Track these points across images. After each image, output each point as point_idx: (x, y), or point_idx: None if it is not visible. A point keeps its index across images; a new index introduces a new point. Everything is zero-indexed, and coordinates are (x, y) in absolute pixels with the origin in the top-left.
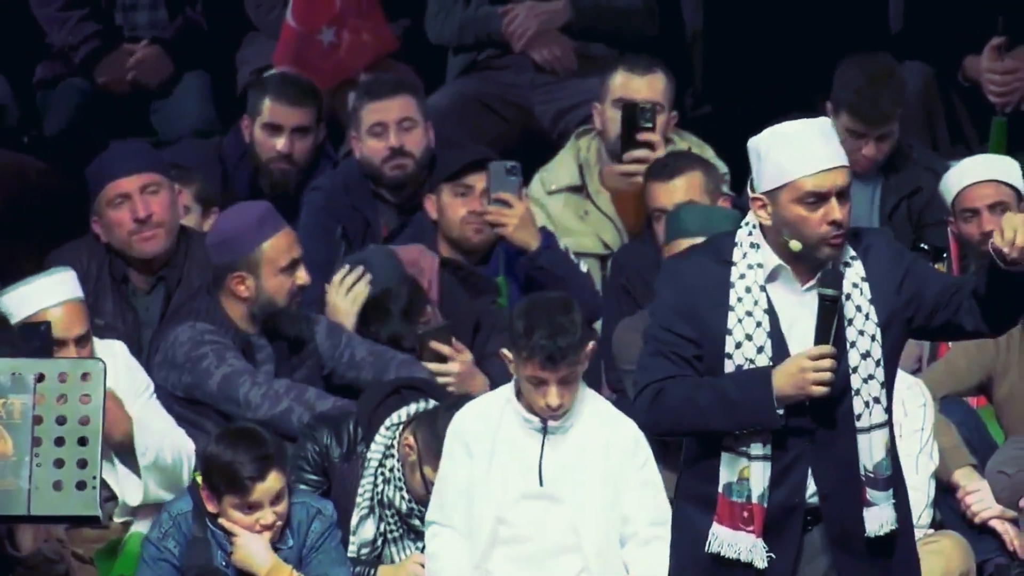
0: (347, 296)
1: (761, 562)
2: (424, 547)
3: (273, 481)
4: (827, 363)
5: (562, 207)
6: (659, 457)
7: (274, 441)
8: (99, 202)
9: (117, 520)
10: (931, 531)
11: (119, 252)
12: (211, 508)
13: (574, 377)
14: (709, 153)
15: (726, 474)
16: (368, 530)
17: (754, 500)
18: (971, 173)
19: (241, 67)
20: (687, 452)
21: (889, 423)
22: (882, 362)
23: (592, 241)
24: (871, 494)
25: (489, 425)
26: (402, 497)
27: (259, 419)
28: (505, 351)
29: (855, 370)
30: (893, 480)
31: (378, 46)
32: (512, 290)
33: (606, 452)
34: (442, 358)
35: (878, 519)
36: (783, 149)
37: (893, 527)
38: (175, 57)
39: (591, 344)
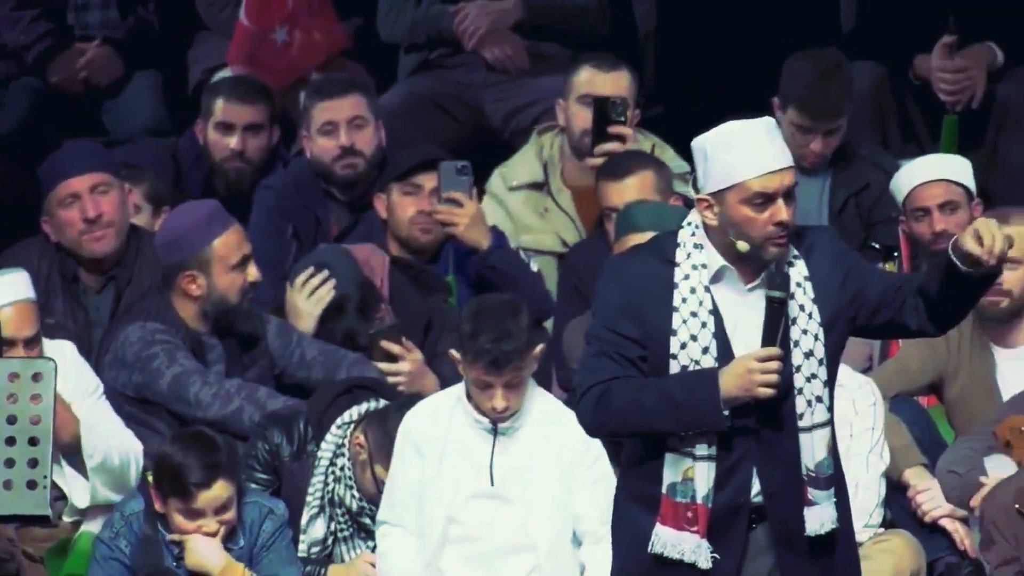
0: (309, 298)
1: (705, 563)
2: (375, 546)
3: (219, 490)
4: (774, 365)
5: (522, 204)
6: (612, 456)
7: (228, 450)
8: (50, 201)
9: (67, 519)
10: (881, 530)
11: (70, 251)
12: (158, 507)
13: (520, 381)
14: (669, 153)
15: (670, 474)
16: (318, 529)
17: (699, 500)
18: (922, 172)
19: (192, 66)
20: (629, 452)
21: (831, 422)
22: (824, 361)
23: (551, 239)
24: (813, 493)
25: (439, 425)
26: (353, 496)
27: (210, 418)
28: (453, 352)
29: (798, 369)
30: (834, 479)
31: (330, 45)
32: (461, 289)
33: (557, 451)
34: (392, 357)
35: (819, 518)
36: (730, 150)
37: (834, 526)
38: (126, 57)
39: (539, 347)
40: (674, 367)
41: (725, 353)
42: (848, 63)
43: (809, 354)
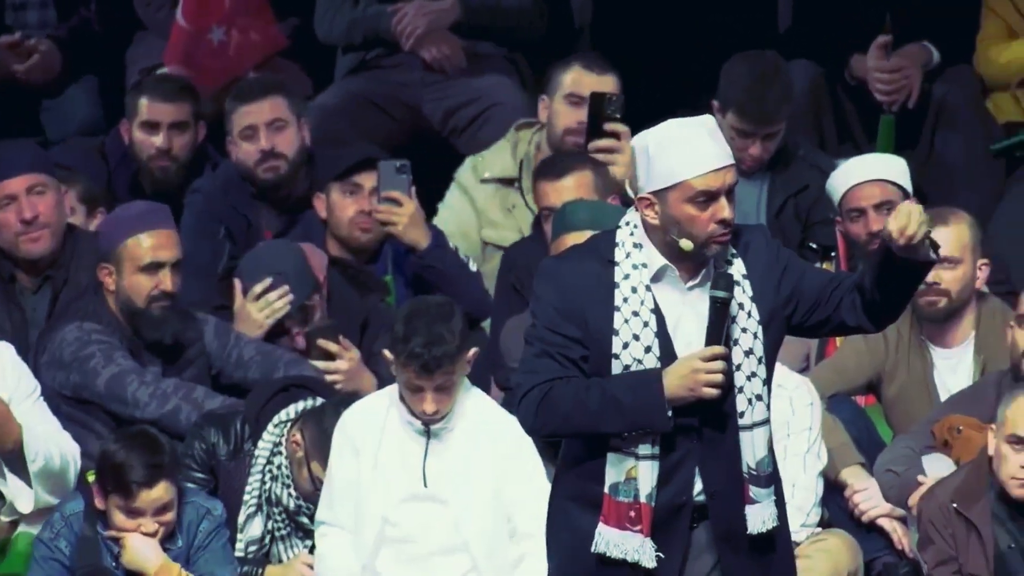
0: (263, 310)
1: (649, 562)
2: (312, 545)
3: (160, 491)
4: (719, 364)
5: (490, 197)
6: (548, 455)
7: (171, 452)
8: None
9: (4, 519)
10: (819, 530)
11: (6, 252)
12: (99, 504)
13: (450, 384)
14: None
15: (612, 474)
16: (256, 528)
17: (642, 499)
18: (857, 173)
19: (130, 66)
20: (567, 452)
21: (769, 420)
22: (763, 359)
23: (514, 236)
24: (754, 491)
25: (375, 425)
26: (289, 495)
27: (147, 418)
28: (387, 352)
29: (739, 367)
30: (774, 478)
31: (267, 45)
32: (399, 289)
33: (490, 451)
34: (330, 356)
35: (760, 516)
36: (672, 149)
37: (774, 524)
38: (67, 56)
39: (472, 351)
40: (616, 367)
41: (667, 352)
42: (786, 65)
43: (749, 352)
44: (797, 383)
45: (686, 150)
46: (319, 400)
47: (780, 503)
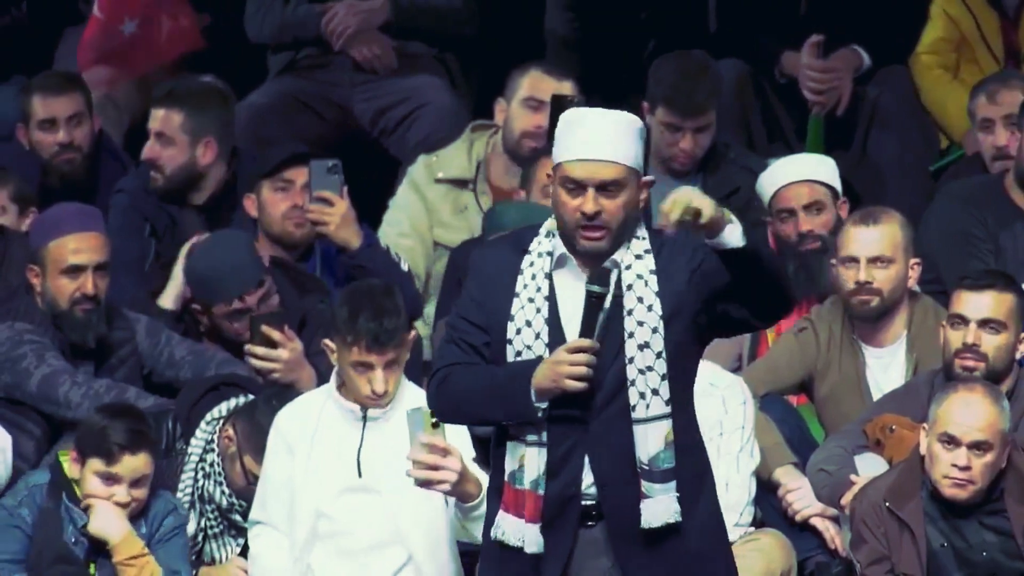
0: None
1: (532, 547)
2: (245, 543)
3: (141, 461)
4: (582, 357)
5: (442, 198)
6: None
7: (155, 430)
8: None
9: None
10: (752, 529)
11: None
12: (75, 472)
13: (398, 362)
14: None
15: (510, 461)
16: (189, 525)
17: (527, 486)
18: (786, 173)
19: (59, 64)
20: (493, 440)
21: (671, 416)
22: (664, 355)
23: (465, 237)
24: (646, 486)
25: (309, 421)
26: (222, 492)
27: (80, 419)
28: (327, 341)
29: (631, 361)
30: (676, 474)
31: (182, 42)
32: (330, 288)
33: None
34: (272, 344)
35: (654, 512)
36: (566, 130)
37: (673, 520)
38: None
39: (413, 332)
40: (510, 353)
41: (557, 340)
42: (713, 61)
43: (644, 346)
44: (729, 382)
45: (572, 134)
46: (252, 398)
47: (703, 500)
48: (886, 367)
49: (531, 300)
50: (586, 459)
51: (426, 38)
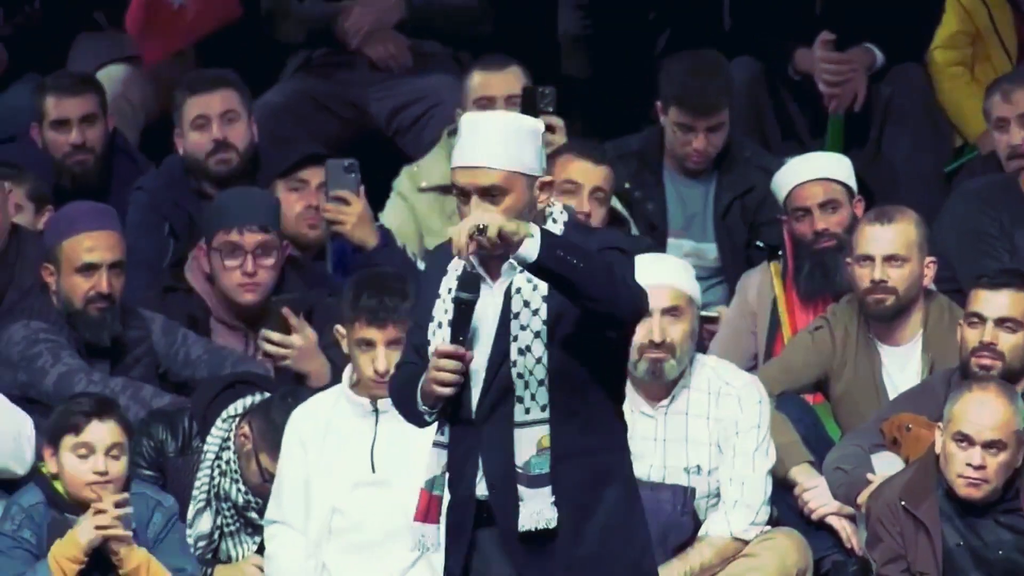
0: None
1: (431, 549)
2: (261, 541)
3: (110, 429)
4: (450, 364)
5: (429, 206)
6: None
7: (124, 411)
8: None
9: None
10: (768, 528)
11: None
12: (52, 468)
13: (401, 342)
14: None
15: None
16: (205, 523)
17: (423, 486)
18: (801, 171)
19: (72, 66)
20: None
21: (548, 422)
22: (544, 360)
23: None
24: (520, 490)
25: (323, 419)
26: (238, 490)
27: None
28: (338, 327)
29: (514, 364)
30: (557, 479)
31: (224, 11)
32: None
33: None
34: (287, 329)
35: (526, 516)
36: (459, 136)
37: (544, 526)
38: (12, 54)
39: None
40: (430, 352)
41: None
42: (724, 59)
43: (526, 351)
44: (745, 381)
45: (459, 140)
46: (267, 396)
47: (595, 505)
48: (902, 366)
49: (444, 301)
50: (480, 461)
51: (441, 37)
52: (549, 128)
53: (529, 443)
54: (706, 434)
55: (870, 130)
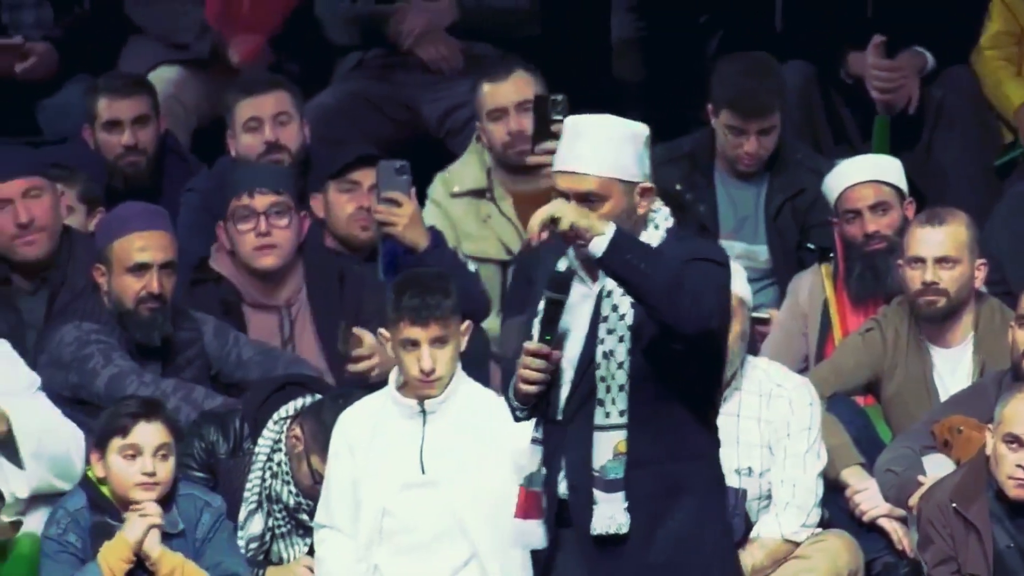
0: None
1: (535, 545)
2: (312, 543)
3: (157, 430)
4: (536, 362)
5: (463, 211)
6: None
7: (171, 414)
8: None
9: (5, 519)
10: (819, 530)
11: (1, 255)
12: (100, 472)
13: (445, 340)
14: None
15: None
16: (256, 525)
17: (521, 483)
18: (852, 174)
19: (124, 68)
20: None
21: (626, 428)
22: (625, 366)
23: (494, 246)
24: (595, 493)
25: (371, 421)
26: (290, 492)
27: None
28: (383, 331)
29: (597, 367)
30: (625, 485)
31: None
32: None
33: (488, 429)
34: (359, 342)
35: (599, 519)
36: (562, 139)
37: (615, 531)
38: (63, 55)
39: (467, 323)
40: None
41: (558, 346)
42: (776, 62)
43: (609, 355)
44: (796, 383)
45: (562, 144)
46: (318, 397)
47: (670, 513)
48: (953, 368)
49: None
50: (563, 461)
51: (492, 39)
52: (560, 136)
53: (606, 447)
54: (757, 436)
55: (921, 133)
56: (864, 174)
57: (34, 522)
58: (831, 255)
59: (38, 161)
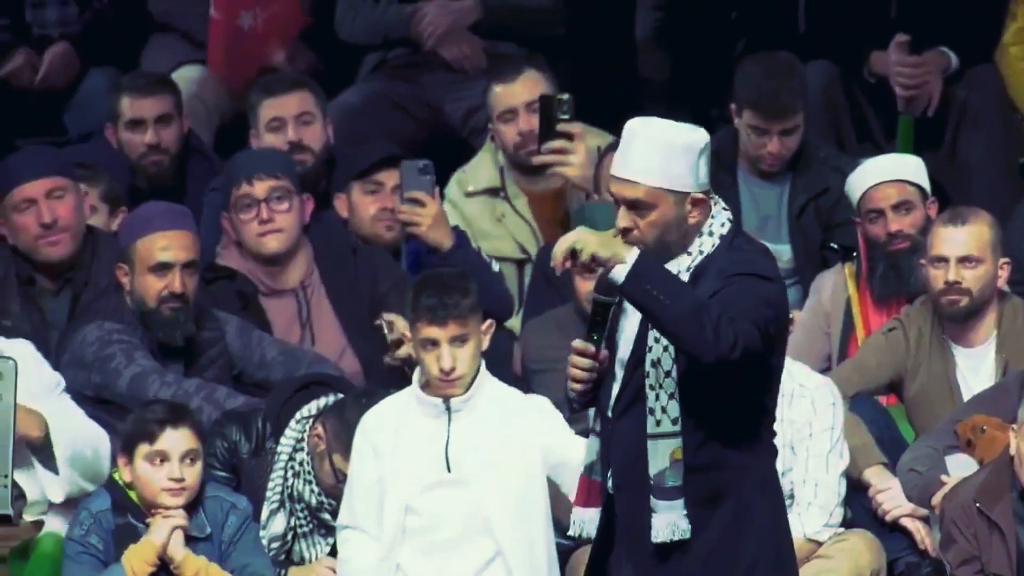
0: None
1: (577, 529)
2: (334, 542)
3: (184, 436)
4: (580, 361)
5: (479, 210)
6: None
7: (196, 414)
8: (5, 206)
9: (27, 519)
10: (842, 529)
11: (25, 255)
12: (127, 476)
13: (465, 339)
14: None
15: None
16: (278, 524)
17: (583, 472)
18: (875, 173)
19: (146, 67)
20: None
21: (680, 435)
22: (673, 374)
23: (509, 245)
24: (652, 500)
25: (395, 421)
26: (312, 491)
27: None
28: (405, 331)
29: (647, 375)
30: (684, 492)
31: (292, 23)
32: None
33: (513, 431)
34: (391, 327)
35: (658, 527)
36: (622, 141)
37: (678, 538)
38: (83, 53)
39: (488, 322)
40: None
41: (610, 344)
42: (799, 62)
43: (657, 363)
44: (819, 383)
45: (621, 146)
46: (341, 396)
47: (709, 522)
48: (976, 367)
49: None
50: (610, 459)
51: (516, 38)
52: (567, 136)
53: (663, 455)
54: (780, 436)
55: (945, 133)
56: (887, 173)
57: (57, 522)
58: (854, 254)
59: (61, 161)
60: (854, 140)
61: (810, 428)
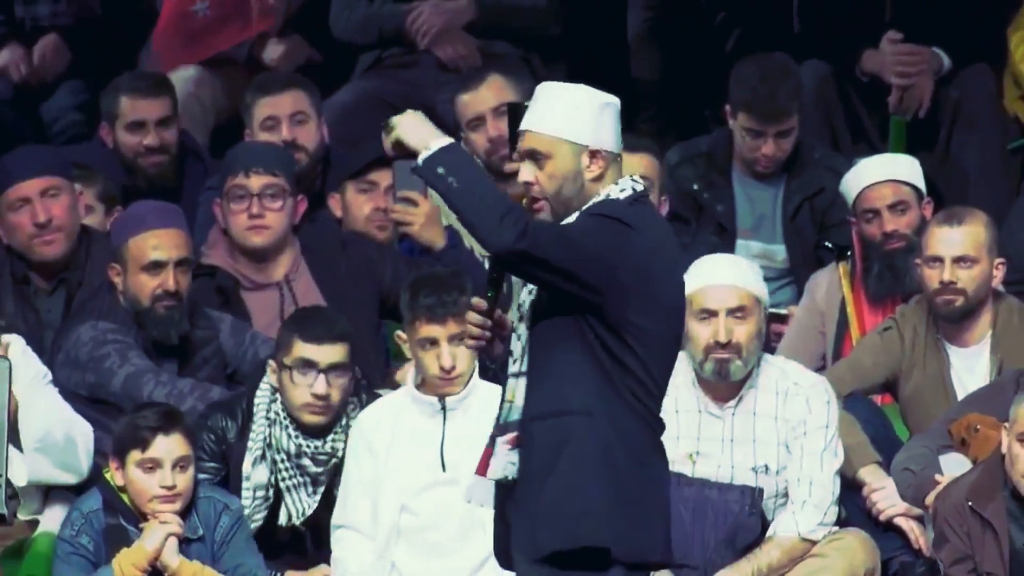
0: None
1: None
2: (319, 499)
3: (176, 442)
4: (474, 317)
5: None
6: None
7: (190, 418)
8: (0, 205)
9: (22, 518)
10: (836, 528)
11: (20, 254)
12: (119, 480)
13: (464, 337)
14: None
15: None
16: (260, 474)
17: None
18: (870, 173)
19: (144, 66)
20: None
21: (524, 376)
22: (525, 318)
23: None
24: (496, 439)
25: (390, 422)
26: (289, 436)
27: None
28: (399, 333)
29: (514, 325)
30: (526, 435)
31: (256, 21)
32: None
33: None
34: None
35: (494, 466)
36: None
37: (501, 476)
38: (74, 48)
39: None
40: None
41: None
42: (794, 64)
43: (520, 307)
44: (813, 382)
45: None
46: None
47: (552, 469)
48: (971, 367)
49: None
50: None
51: (510, 38)
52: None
53: (508, 396)
54: (774, 434)
55: (939, 133)
56: (882, 173)
57: (52, 521)
58: (849, 254)
59: (57, 161)
60: (849, 140)
61: (804, 427)
